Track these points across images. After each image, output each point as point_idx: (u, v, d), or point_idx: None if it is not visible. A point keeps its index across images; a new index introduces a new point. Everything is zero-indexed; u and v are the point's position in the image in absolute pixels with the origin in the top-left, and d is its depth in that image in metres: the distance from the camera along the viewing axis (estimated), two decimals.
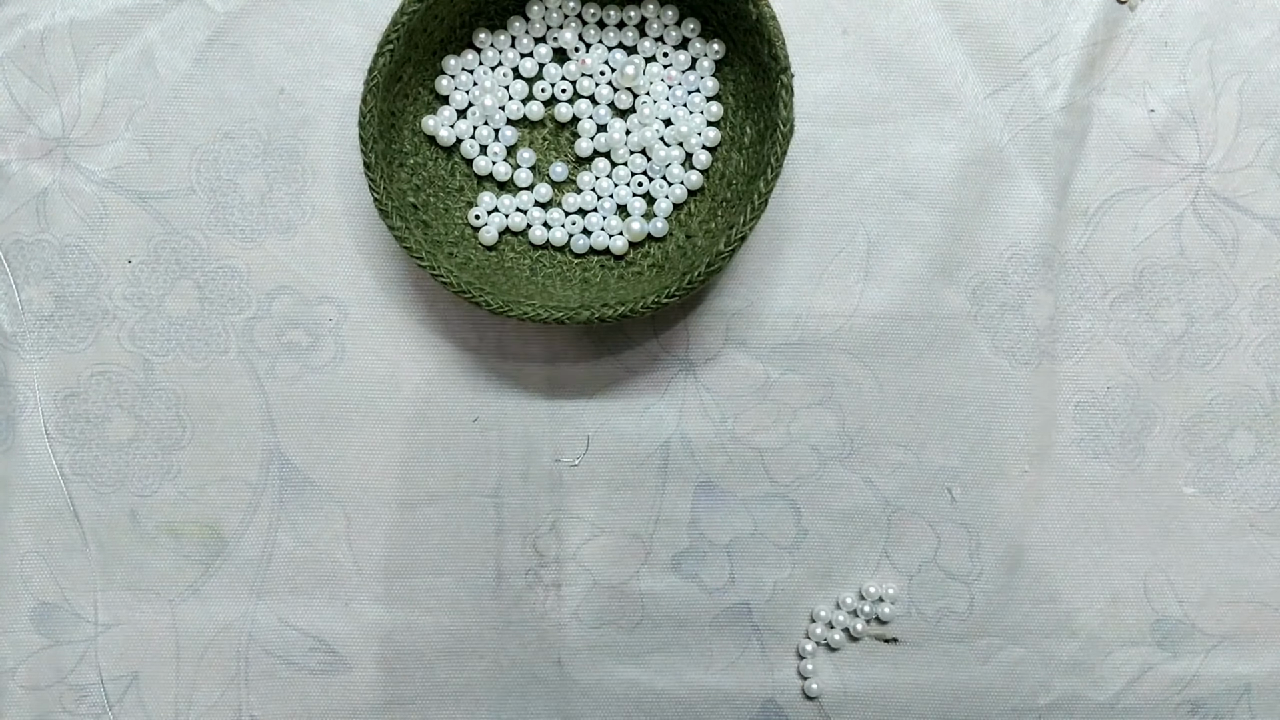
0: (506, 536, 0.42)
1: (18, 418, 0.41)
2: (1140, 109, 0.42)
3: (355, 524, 0.42)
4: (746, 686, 0.41)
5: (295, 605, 0.42)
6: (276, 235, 0.42)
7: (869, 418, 0.42)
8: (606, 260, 0.41)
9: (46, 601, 0.41)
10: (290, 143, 0.42)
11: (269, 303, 0.42)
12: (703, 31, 0.40)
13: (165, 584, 0.42)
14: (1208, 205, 0.42)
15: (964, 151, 0.42)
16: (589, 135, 0.41)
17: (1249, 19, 0.42)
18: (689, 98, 0.41)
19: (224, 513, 0.42)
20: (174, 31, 0.42)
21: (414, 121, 0.40)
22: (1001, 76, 0.42)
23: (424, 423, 0.42)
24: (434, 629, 0.42)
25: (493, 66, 0.41)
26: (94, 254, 0.42)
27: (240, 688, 0.41)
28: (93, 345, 0.42)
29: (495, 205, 0.41)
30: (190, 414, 0.42)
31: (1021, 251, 0.42)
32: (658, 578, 0.42)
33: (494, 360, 0.42)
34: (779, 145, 0.36)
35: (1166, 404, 0.42)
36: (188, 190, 0.42)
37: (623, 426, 0.42)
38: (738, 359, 0.42)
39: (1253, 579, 0.42)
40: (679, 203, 0.41)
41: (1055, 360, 0.42)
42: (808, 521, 0.42)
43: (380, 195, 0.37)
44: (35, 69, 0.42)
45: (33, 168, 0.42)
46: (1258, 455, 0.42)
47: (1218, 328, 0.42)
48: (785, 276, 0.42)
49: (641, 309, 0.37)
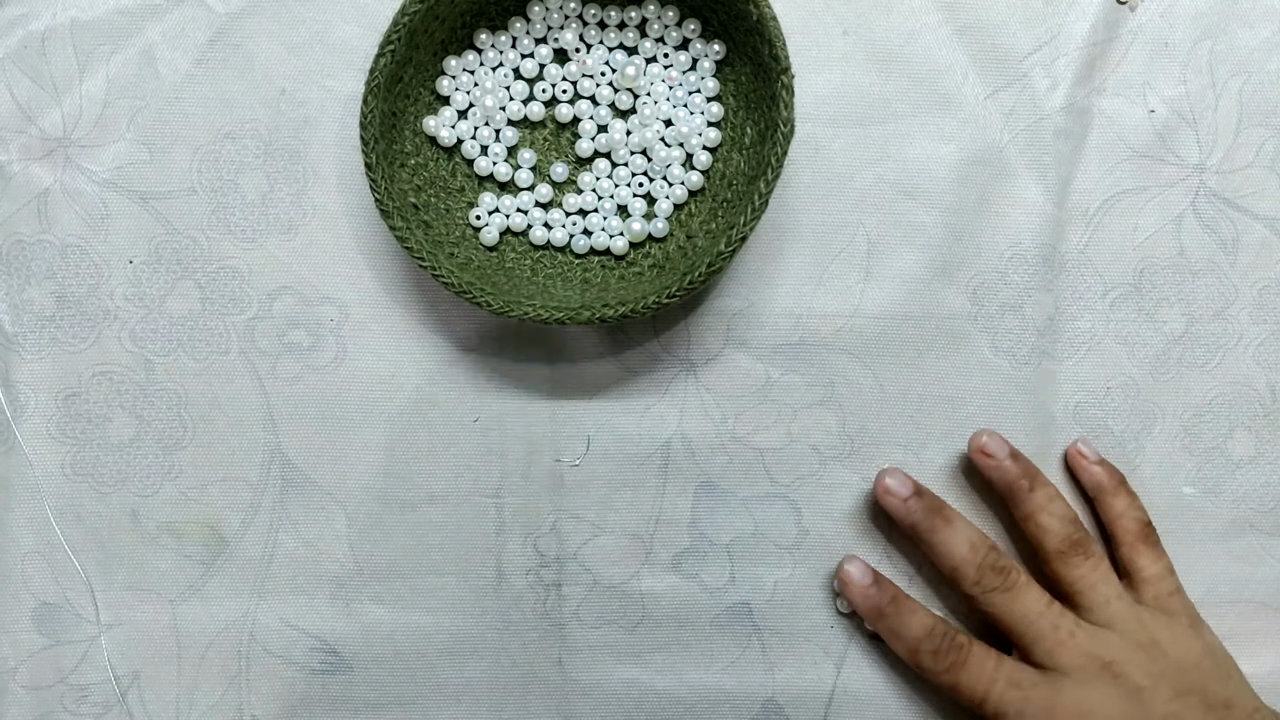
0: (507, 536, 0.42)
1: (19, 418, 0.42)
2: (1140, 109, 0.42)
3: (356, 524, 0.42)
4: (747, 686, 0.41)
5: (296, 605, 0.42)
6: (278, 235, 0.42)
7: (869, 418, 0.42)
8: (607, 260, 0.41)
9: (47, 601, 0.41)
10: (291, 143, 0.42)
11: (270, 303, 0.42)
12: (703, 32, 0.40)
13: (166, 584, 0.42)
14: (1208, 205, 0.42)
15: (964, 152, 0.42)
16: (590, 136, 0.41)
17: (1249, 19, 0.42)
18: (689, 98, 0.41)
19: (225, 513, 0.42)
20: (175, 32, 0.42)
21: (415, 122, 0.40)
22: (1001, 77, 0.42)
23: (425, 423, 0.42)
24: (434, 629, 0.42)
25: (494, 67, 0.41)
26: (95, 254, 0.42)
27: (241, 687, 0.41)
28: (94, 345, 0.42)
29: (496, 206, 0.41)
30: (191, 414, 0.42)
31: (1021, 252, 0.42)
32: (658, 578, 0.42)
33: (494, 360, 0.42)
34: (779, 146, 0.36)
35: (1166, 404, 0.42)
36: (189, 191, 0.42)
37: (623, 426, 0.42)
38: (738, 359, 0.42)
39: (1253, 579, 0.42)
40: (679, 203, 0.41)
41: (1055, 360, 0.42)
42: (808, 521, 0.42)
43: (381, 196, 0.37)
44: (36, 69, 0.42)
45: (34, 168, 0.42)
46: (1257, 455, 0.42)
47: (1218, 328, 0.42)
48: (786, 277, 0.42)
49: (642, 309, 0.37)
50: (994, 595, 0.38)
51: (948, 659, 0.38)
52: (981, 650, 0.38)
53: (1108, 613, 0.38)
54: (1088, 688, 0.37)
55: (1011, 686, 0.37)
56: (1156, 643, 0.38)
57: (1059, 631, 0.38)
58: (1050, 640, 0.38)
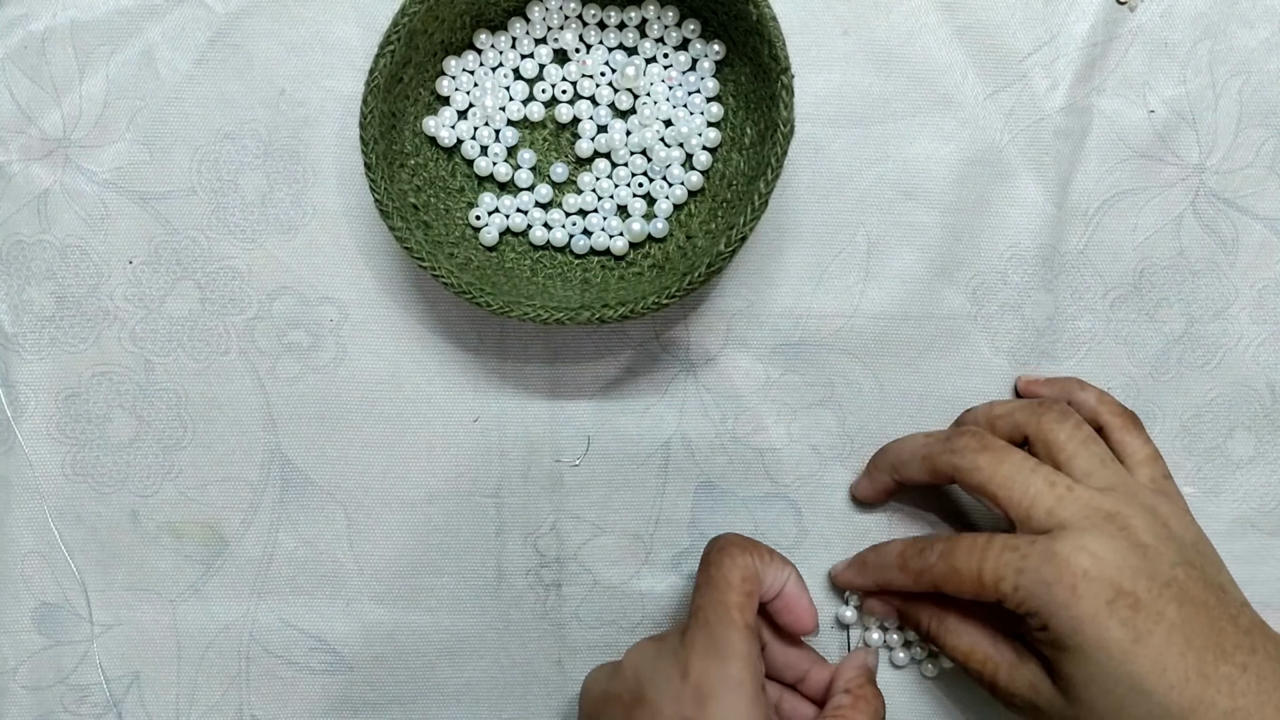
0: (507, 536, 0.42)
1: (19, 418, 0.42)
2: (1140, 109, 0.42)
3: (356, 524, 0.42)
4: None
5: (296, 605, 0.42)
6: (277, 236, 0.42)
7: (869, 418, 0.42)
8: (607, 261, 0.41)
9: (47, 601, 0.41)
10: (291, 143, 0.42)
11: (270, 303, 0.42)
12: (703, 32, 0.40)
13: (166, 584, 0.42)
14: (1208, 205, 0.42)
15: (964, 152, 0.42)
16: (589, 136, 0.41)
17: (1249, 19, 0.42)
18: (689, 98, 0.41)
19: (225, 513, 0.42)
20: (175, 32, 0.42)
21: (415, 122, 0.40)
22: (1001, 77, 0.42)
23: (424, 423, 0.42)
24: (434, 629, 0.42)
25: (493, 67, 0.41)
26: (95, 255, 0.42)
27: (241, 687, 0.42)
28: (94, 346, 0.42)
29: (496, 206, 0.41)
30: (191, 414, 0.42)
31: (1021, 252, 0.42)
32: (658, 578, 0.42)
33: (494, 360, 0.42)
34: (779, 146, 0.36)
35: (1166, 404, 0.42)
36: (189, 191, 0.42)
37: (623, 426, 0.42)
38: (738, 359, 0.42)
39: (1253, 579, 0.42)
40: (679, 203, 0.41)
41: (1055, 360, 0.42)
42: (808, 521, 0.42)
43: (381, 196, 0.37)
44: (36, 70, 0.42)
45: (34, 168, 0.42)
46: (1258, 455, 0.42)
47: (1218, 328, 0.42)
48: (785, 277, 0.42)
49: (642, 309, 0.37)
50: (978, 456, 0.35)
51: (935, 549, 0.36)
52: (971, 534, 0.35)
53: (1105, 475, 0.35)
54: (1091, 535, 0.33)
55: (1007, 549, 0.34)
56: (1158, 512, 0.35)
57: (1056, 487, 0.34)
58: (1049, 497, 0.34)
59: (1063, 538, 0.33)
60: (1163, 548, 0.34)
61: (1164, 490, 0.37)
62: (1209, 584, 0.34)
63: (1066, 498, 0.34)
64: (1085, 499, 0.34)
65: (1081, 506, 0.34)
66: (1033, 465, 0.35)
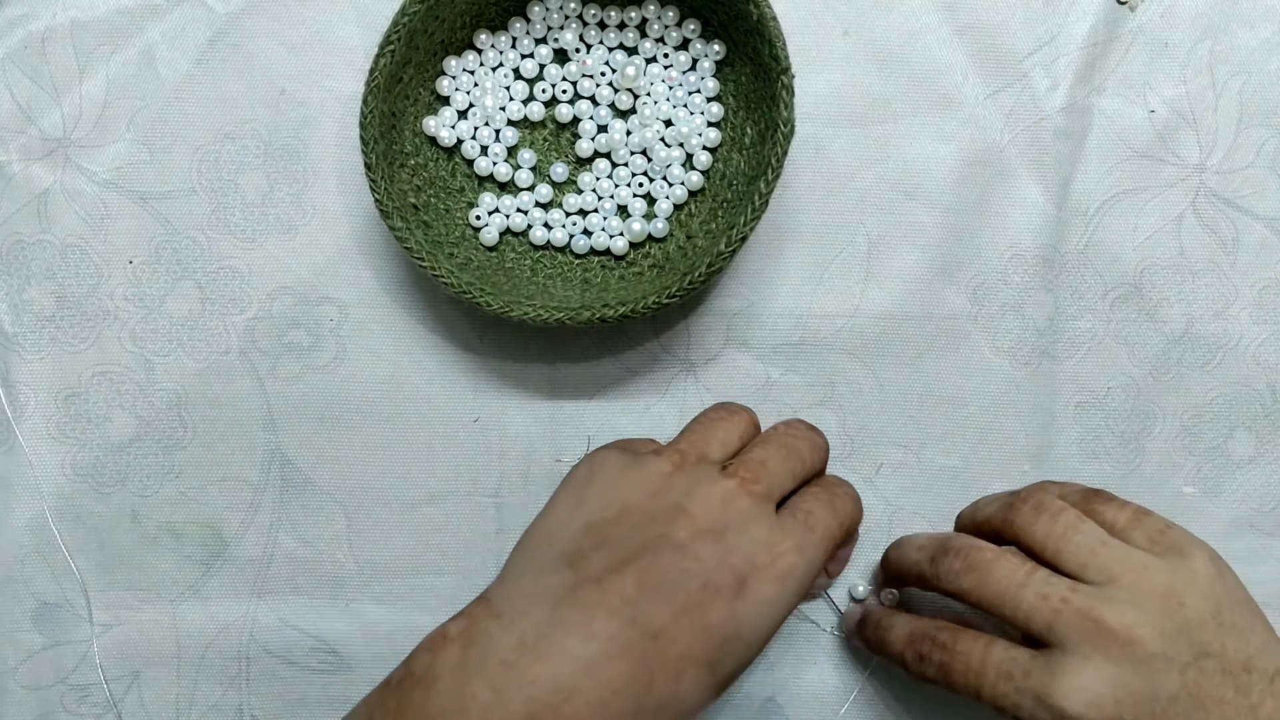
0: (507, 537, 0.42)
1: (19, 418, 0.42)
2: (1140, 109, 0.42)
3: (356, 524, 0.42)
4: (746, 685, 0.41)
5: (296, 605, 0.42)
6: (277, 236, 0.42)
7: (869, 418, 0.42)
8: (607, 261, 0.41)
9: (47, 602, 0.41)
10: (291, 143, 0.42)
11: (270, 303, 0.42)
12: (703, 32, 0.40)
13: (166, 584, 0.42)
14: (1208, 205, 0.42)
15: (964, 152, 0.42)
16: (589, 136, 0.41)
17: (1249, 19, 0.42)
18: (689, 98, 0.41)
19: (225, 513, 0.42)
20: (175, 32, 0.42)
21: (415, 122, 0.40)
22: (1001, 77, 0.42)
23: (424, 423, 0.42)
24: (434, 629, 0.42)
25: (493, 67, 0.41)
26: (95, 254, 0.42)
27: (241, 688, 0.41)
28: (94, 345, 0.42)
29: (496, 206, 0.41)
30: (191, 414, 0.42)
31: (1021, 252, 0.42)
32: None
33: (494, 360, 0.42)
34: (779, 146, 0.36)
35: (1166, 404, 0.42)
36: (189, 191, 0.42)
37: (623, 426, 0.42)
38: (738, 359, 0.42)
39: (1253, 579, 0.42)
40: (679, 203, 0.41)
41: (1055, 361, 0.42)
42: None
43: (381, 196, 0.37)
44: (36, 70, 0.42)
45: (34, 168, 0.42)
46: (1258, 455, 0.42)
47: (1218, 328, 0.42)
48: (786, 277, 0.42)
49: (642, 309, 0.37)
50: (962, 579, 0.34)
51: (934, 660, 0.35)
52: (969, 640, 0.34)
53: (1101, 562, 0.33)
54: (1089, 666, 0.32)
55: (1002, 679, 0.33)
56: (1172, 590, 0.33)
57: (1049, 600, 0.33)
58: (1044, 612, 0.32)
59: (1060, 669, 0.32)
60: (1173, 649, 0.32)
61: (1167, 544, 0.34)
62: (1228, 670, 0.32)
63: (1063, 612, 0.32)
64: (1083, 611, 0.32)
65: (1079, 623, 0.32)
66: (1021, 578, 0.34)
